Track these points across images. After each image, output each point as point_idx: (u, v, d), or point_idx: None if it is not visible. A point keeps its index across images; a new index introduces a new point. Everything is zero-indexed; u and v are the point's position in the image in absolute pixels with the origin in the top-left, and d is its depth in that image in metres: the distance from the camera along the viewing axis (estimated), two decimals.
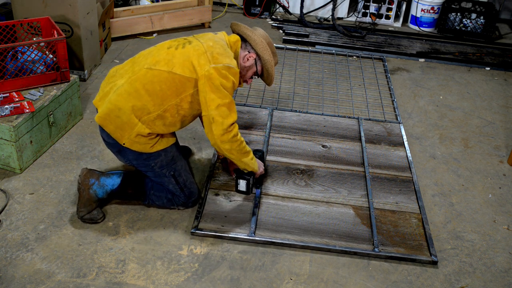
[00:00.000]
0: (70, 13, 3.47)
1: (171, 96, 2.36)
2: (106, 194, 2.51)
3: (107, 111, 2.37)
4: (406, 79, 4.25)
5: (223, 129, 2.35)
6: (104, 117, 2.38)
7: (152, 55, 2.42)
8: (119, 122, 2.36)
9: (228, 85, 2.35)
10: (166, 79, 2.34)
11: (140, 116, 2.36)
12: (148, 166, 2.49)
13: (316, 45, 4.67)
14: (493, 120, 3.77)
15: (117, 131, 2.38)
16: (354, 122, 3.47)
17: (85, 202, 2.48)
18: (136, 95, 2.35)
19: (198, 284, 2.27)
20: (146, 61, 2.40)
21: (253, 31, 2.56)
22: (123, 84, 2.38)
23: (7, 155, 2.76)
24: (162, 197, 2.58)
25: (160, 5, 4.67)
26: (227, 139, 2.38)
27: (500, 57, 4.71)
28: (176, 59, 2.36)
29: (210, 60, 2.34)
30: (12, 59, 2.97)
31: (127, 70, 2.44)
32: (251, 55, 2.55)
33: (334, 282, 2.34)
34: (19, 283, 2.20)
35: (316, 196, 2.79)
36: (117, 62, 4.04)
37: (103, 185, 2.49)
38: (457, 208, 2.87)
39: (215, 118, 2.33)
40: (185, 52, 2.37)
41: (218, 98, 2.32)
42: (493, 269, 2.50)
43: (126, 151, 2.44)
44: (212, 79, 2.31)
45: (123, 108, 2.35)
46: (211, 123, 2.34)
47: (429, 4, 5.11)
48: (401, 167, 3.08)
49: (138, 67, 2.40)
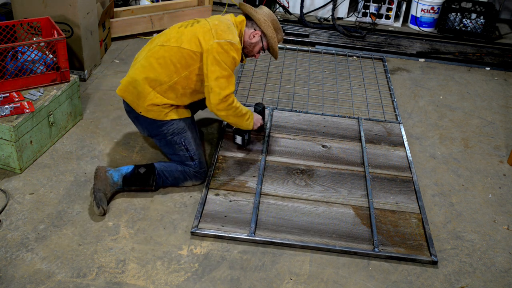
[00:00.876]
0: (70, 13, 3.47)
1: (181, 69, 2.63)
2: (121, 178, 2.66)
3: (126, 84, 2.71)
4: (406, 79, 4.25)
5: (219, 99, 2.59)
6: (124, 89, 2.72)
7: (165, 34, 2.73)
8: (135, 92, 2.68)
9: (228, 60, 2.58)
10: (176, 53, 2.62)
11: (153, 86, 2.64)
12: (161, 133, 2.73)
13: (316, 45, 4.67)
14: (493, 120, 3.77)
15: (134, 101, 2.70)
16: (354, 122, 3.47)
17: (102, 181, 2.63)
18: (150, 68, 2.64)
19: (198, 284, 2.27)
20: (160, 39, 2.72)
21: (257, 11, 2.79)
22: (140, 60, 2.71)
23: (7, 155, 2.76)
24: (173, 171, 2.75)
25: (160, 5, 4.67)
26: (223, 108, 2.63)
27: (500, 57, 4.71)
28: (185, 36, 2.64)
29: (214, 36, 2.58)
30: (12, 59, 2.97)
31: (145, 49, 2.77)
32: (257, 32, 2.78)
33: (334, 282, 2.34)
34: (19, 283, 2.20)
35: (316, 196, 2.79)
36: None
37: (118, 169, 2.68)
38: (457, 208, 2.87)
39: (213, 88, 2.58)
40: (193, 30, 2.65)
41: (218, 70, 2.56)
42: (493, 269, 2.50)
43: (142, 118, 2.73)
44: (214, 53, 2.56)
45: (138, 80, 2.65)
46: (210, 92, 2.60)
47: (429, 4, 5.11)
48: (401, 167, 3.08)
49: (153, 45, 2.72)
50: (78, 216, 2.57)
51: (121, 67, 3.98)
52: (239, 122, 2.80)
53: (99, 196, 2.57)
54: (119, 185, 2.66)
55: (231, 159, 2.99)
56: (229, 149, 3.08)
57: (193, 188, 2.81)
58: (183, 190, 2.79)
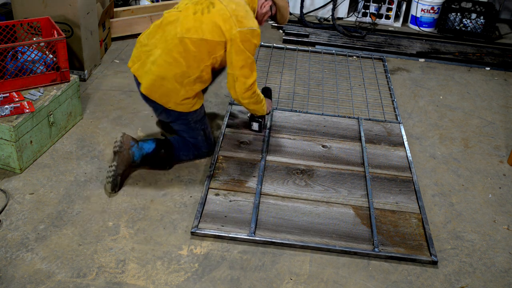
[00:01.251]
0: (70, 13, 3.47)
1: (205, 58, 2.66)
2: (141, 157, 2.76)
3: (152, 82, 2.69)
4: (406, 79, 4.25)
5: (245, 88, 2.71)
6: (150, 88, 2.71)
7: (181, 23, 2.65)
8: (164, 90, 2.69)
9: (251, 47, 2.66)
10: (200, 45, 2.62)
11: (181, 81, 2.67)
12: (187, 123, 2.85)
13: (316, 45, 4.67)
14: (493, 120, 3.77)
15: (162, 98, 2.72)
16: (354, 122, 3.47)
17: (124, 162, 2.70)
18: (176, 64, 2.64)
19: (198, 284, 2.27)
20: (176, 30, 2.64)
21: None
22: (160, 55, 2.66)
23: (7, 155, 2.76)
24: (190, 154, 2.94)
25: (160, 5, 4.67)
26: (247, 96, 2.76)
27: (500, 57, 4.71)
28: (205, 25, 2.61)
29: (236, 24, 2.60)
30: (12, 59, 2.97)
31: (160, 40, 2.69)
32: (268, 2, 2.86)
33: (334, 282, 2.34)
34: (19, 283, 2.20)
35: (316, 196, 2.79)
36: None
37: (141, 148, 2.76)
38: (457, 208, 2.87)
39: (239, 78, 2.67)
40: (211, 18, 2.62)
41: (242, 59, 2.64)
42: (493, 269, 2.50)
43: (171, 112, 2.79)
44: (238, 42, 2.61)
45: (166, 77, 2.65)
46: (235, 81, 2.69)
47: (429, 4, 5.11)
48: (401, 167, 3.08)
49: (170, 35, 2.65)
50: (78, 216, 2.57)
51: (121, 67, 3.98)
52: (257, 108, 2.90)
53: (117, 180, 2.69)
54: (137, 163, 2.79)
55: (231, 159, 2.99)
56: (229, 149, 3.08)
57: (193, 188, 2.81)
58: (183, 190, 2.79)
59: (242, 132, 3.23)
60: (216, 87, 3.67)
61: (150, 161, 2.82)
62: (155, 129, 3.28)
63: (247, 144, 3.13)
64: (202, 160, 3.03)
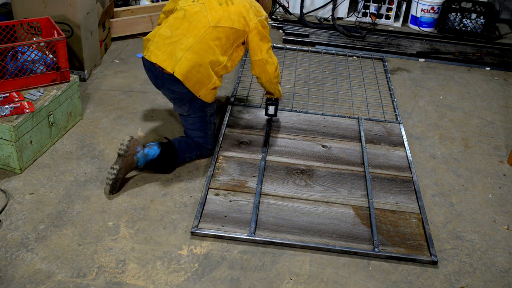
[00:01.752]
0: (70, 13, 3.47)
1: (230, 46, 2.84)
2: (145, 163, 2.79)
3: (189, 69, 2.72)
4: (406, 79, 4.25)
5: (275, 67, 2.97)
6: (186, 74, 2.73)
7: (210, 13, 2.78)
8: (199, 77, 2.75)
9: (268, 31, 2.92)
10: (229, 33, 2.79)
11: (214, 68, 2.79)
12: (204, 115, 2.92)
13: (316, 45, 4.67)
14: (493, 120, 3.77)
15: (196, 85, 2.77)
16: (354, 122, 3.47)
17: (127, 167, 2.71)
18: (211, 51, 2.75)
19: (198, 284, 2.27)
20: (206, 19, 2.77)
21: None
22: (196, 42, 2.74)
23: (7, 155, 2.76)
24: (193, 154, 2.98)
25: (160, 5, 4.67)
26: (277, 75, 3.02)
27: (500, 57, 4.71)
28: (233, 15, 2.80)
29: (256, 13, 2.85)
30: (12, 59, 2.97)
31: (187, 29, 2.77)
32: None
33: (334, 282, 2.34)
34: (19, 283, 2.20)
35: (316, 196, 2.79)
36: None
37: (146, 155, 2.78)
38: (457, 208, 2.87)
39: (268, 60, 2.91)
40: (236, 8, 2.82)
41: (266, 43, 2.89)
42: (493, 269, 2.50)
43: (197, 101, 2.83)
44: (260, 29, 2.85)
45: (203, 64, 2.74)
46: (265, 64, 2.91)
47: (429, 4, 5.11)
48: (401, 167, 3.08)
49: (201, 24, 2.77)
50: (78, 216, 2.57)
51: (121, 67, 3.98)
52: (278, 88, 3.13)
53: (117, 184, 2.69)
54: (140, 168, 2.83)
55: (231, 159, 2.99)
56: (229, 149, 3.08)
57: (193, 188, 2.81)
58: (183, 190, 2.79)
59: (242, 132, 3.23)
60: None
61: (154, 166, 2.84)
62: (155, 129, 3.28)
63: (247, 144, 3.13)
64: (202, 160, 3.03)
